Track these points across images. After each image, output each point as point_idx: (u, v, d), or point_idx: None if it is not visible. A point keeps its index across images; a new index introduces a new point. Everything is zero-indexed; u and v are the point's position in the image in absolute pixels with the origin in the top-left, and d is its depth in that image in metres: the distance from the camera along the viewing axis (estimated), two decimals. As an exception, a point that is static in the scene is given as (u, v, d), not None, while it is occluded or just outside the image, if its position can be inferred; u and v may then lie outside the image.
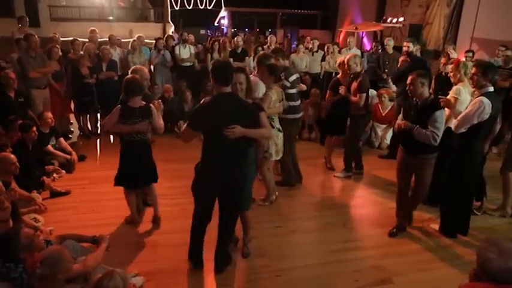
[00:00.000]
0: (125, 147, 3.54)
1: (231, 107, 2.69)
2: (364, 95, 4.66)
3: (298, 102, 4.52)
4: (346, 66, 4.75)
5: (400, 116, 3.55)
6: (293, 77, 4.40)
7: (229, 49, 7.58)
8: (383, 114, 6.25)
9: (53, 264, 2.01)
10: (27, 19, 7.24)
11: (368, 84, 4.77)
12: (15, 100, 5.05)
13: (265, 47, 7.92)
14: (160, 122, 3.57)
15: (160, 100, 3.56)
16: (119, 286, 1.91)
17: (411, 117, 3.38)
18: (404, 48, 5.25)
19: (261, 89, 3.69)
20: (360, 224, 3.95)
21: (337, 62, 5.13)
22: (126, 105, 3.39)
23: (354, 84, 4.67)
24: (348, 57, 4.79)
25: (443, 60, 4.95)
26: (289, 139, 4.55)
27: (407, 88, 3.40)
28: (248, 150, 2.89)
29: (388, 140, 6.28)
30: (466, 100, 3.73)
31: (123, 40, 7.60)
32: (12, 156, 3.58)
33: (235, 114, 2.66)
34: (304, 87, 4.79)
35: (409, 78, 3.34)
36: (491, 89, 3.41)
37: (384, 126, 6.27)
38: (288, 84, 4.33)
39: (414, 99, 3.38)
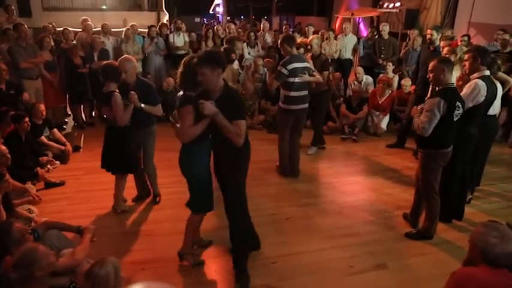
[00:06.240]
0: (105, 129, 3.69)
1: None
2: (326, 73, 5.10)
3: (297, 93, 4.26)
4: (309, 47, 5.21)
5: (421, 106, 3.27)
6: (292, 66, 4.15)
7: (222, 36, 7.50)
8: (380, 102, 6.21)
9: (28, 265, 1.91)
10: (13, 8, 7.11)
11: (328, 63, 5.20)
12: (6, 92, 4.99)
13: (258, 33, 7.83)
14: (120, 114, 3.35)
15: (134, 92, 3.41)
16: (111, 274, 1.90)
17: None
18: (428, 36, 5.09)
19: None
20: (356, 210, 3.95)
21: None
22: (101, 90, 3.54)
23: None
24: (310, 38, 5.32)
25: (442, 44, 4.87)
26: (285, 128, 4.49)
27: (427, 76, 3.20)
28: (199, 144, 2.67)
29: (384, 126, 6.27)
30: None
31: (117, 29, 7.47)
32: (4, 147, 3.54)
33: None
34: (316, 79, 4.42)
35: (431, 64, 3.13)
36: (487, 72, 3.38)
37: (381, 113, 6.24)
38: (286, 72, 4.14)
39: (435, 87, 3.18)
